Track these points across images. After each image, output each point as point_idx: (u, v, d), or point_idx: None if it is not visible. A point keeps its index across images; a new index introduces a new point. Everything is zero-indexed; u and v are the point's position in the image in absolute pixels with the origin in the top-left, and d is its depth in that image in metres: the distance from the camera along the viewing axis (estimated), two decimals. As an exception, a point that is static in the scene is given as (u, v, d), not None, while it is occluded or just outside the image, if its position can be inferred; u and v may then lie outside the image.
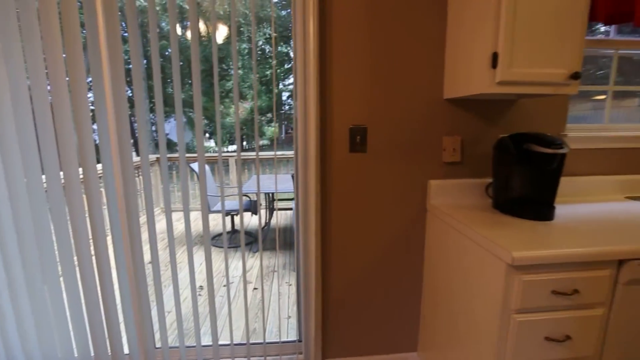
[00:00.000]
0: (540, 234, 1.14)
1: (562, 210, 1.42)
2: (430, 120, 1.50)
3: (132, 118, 1.53)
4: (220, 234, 4.38)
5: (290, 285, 2.91)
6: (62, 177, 1.41)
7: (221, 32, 3.36)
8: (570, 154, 1.63)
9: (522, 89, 1.19)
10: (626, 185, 1.69)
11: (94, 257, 1.50)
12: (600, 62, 1.72)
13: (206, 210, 1.57)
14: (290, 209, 5.20)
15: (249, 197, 4.02)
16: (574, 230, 1.19)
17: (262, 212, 4.93)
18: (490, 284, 1.12)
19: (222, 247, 3.86)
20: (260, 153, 6.37)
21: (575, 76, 1.18)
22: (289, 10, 1.52)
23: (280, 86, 10.86)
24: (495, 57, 1.15)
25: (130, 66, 1.37)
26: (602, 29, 1.74)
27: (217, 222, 4.91)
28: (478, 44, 1.23)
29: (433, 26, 1.44)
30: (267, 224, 4.47)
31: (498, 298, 1.07)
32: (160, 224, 4.75)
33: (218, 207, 3.80)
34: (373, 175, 1.52)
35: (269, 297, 2.70)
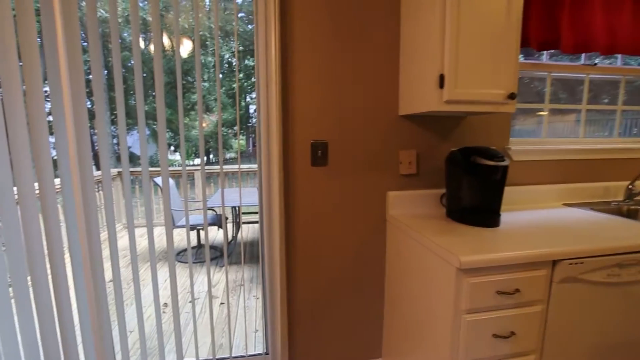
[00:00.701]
0: (486, 240, 1.25)
1: (507, 217, 1.55)
2: (388, 135, 1.60)
3: (92, 130, 1.51)
4: (185, 250, 4.27)
5: (258, 298, 2.90)
6: (15, 192, 1.36)
7: (186, 46, 3.36)
8: (515, 166, 1.79)
9: (466, 107, 1.31)
10: (563, 193, 1.88)
11: (50, 277, 1.44)
12: (554, 83, 1.91)
13: (171, 225, 1.56)
14: (257, 222, 5.17)
15: (215, 211, 3.97)
16: (516, 235, 1.31)
17: (229, 226, 4.86)
18: (443, 287, 1.20)
19: (187, 263, 3.77)
20: (227, 166, 6.30)
21: (511, 96, 1.32)
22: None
23: (248, 99, 10.85)
24: (442, 79, 1.26)
25: (91, 77, 1.35)
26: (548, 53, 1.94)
27: (182, 237, 4.78)
28: (427, 67, 1.34)
29: (388, 47, 1.55)
30: (234, 237, 4.42)
31: (450, 300, 1.16)
32: (122, 241, 4.56)
33: (183, 221, 3.72)
34: (334, 188, 1.59)
35: (236, 312, 2.67)
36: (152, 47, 1.52)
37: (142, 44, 1.59)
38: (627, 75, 2.01)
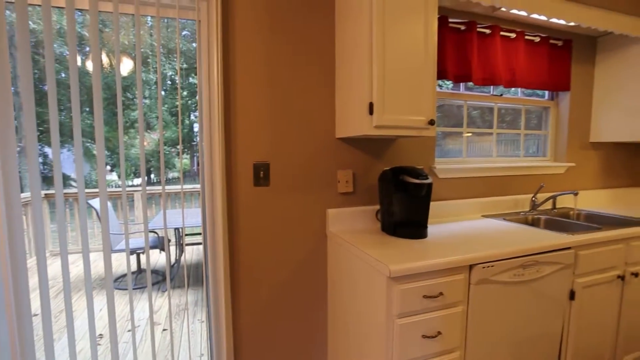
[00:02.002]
0: (414, 250, 1.39)
1: (434, 229, 1.73)
2: (326, 156, 1.72)
3: (19, 148, 1.43)
4: (124, 275, 4.01)
5: (202, 322, 2.81)
6: None
7: (126, 64, 3.27)
8: (441, 183, 2.00)
9: (393, 131, 1.47)
10: (482, 206, 2.13)
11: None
12: (485, 110, 2.18)
13: (109, 249, 1.51)
14: (201, 243, 5.00)
15: (157, 234, 3.81)
16: (440, 244, 1.47)
17: (172, 248, 4.66)
18: (377, 295, 1.31)
19: (126, 289, 3.54)
20: (170, 186, 6.07)
21: (431, 122, 1.51)
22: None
23: (192, 117, 10.59)
24: (371, 106, 1.41)
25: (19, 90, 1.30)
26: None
27: (119, 263, 4.48)
28: (359, 95, 1.49)
29: (325, 77, 1.69)
30: (177, 260, 4.24)
31: (383, 306, 1.27)
32: (51, 268, 4.16)
33: (120, 245, 3.52)
34: (277, 207, 1.66)
35: (179, 337, 2.56)
36: (88, 63, 1.50)
37: (79, 60, 1.56)
38: (526, 105, 2.36)
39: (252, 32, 1.55)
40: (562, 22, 1.98)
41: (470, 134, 2.23)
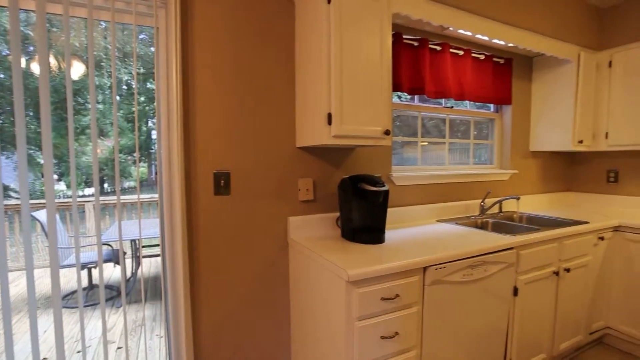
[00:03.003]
0: (372, 255, 1.45)
1: (391, 234, 1.81)
2: (287, 165, 1.75)
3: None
4: (73, 292, 3.76)
5: (161, 337, 2.70)
6: None
7: (77, 68, 3.11)
8: (398, 190, 2.10)
9: (351, 141, 1.54)
10: (437, 211, 2.25)
11: None
12: (439, 120, 2.31)
13: (57, 264, 1.43)
14: (159, 255, 4.80)
15: (111, 246, 3.61)
16: (397, 248, 1.55)
17: (127, 261, 4.43)
18: (337, 299, 1.35)
19: (76, 307, 3.32)
20: (126, 196, 5.79)
21: (387, 132, 1.59)
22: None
23: (150, 124, 10.19)
24: (330, 117, 1.47)
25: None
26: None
27: (68, 279, 4.19)
28: (317, 106, 1.54)
29: (285, 86, 1.73)
30: (134, 274, 4.05)
31: (343, 310, 1.31)
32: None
33: (70, 260, 3.30)
34: (238, 216, 1.66)
35: (135, 355, 2.45)
36: (33, 65, 1.43)
37: (23, 61, 1.48)
38: (475, 116, 2.55)
39: (212, 39, 1.56)
40: (502, 42, 2.17)
41: (426, 143, 2.36)
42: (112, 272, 4.38)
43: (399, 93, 2.08)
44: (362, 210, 1.63)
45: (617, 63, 2.49)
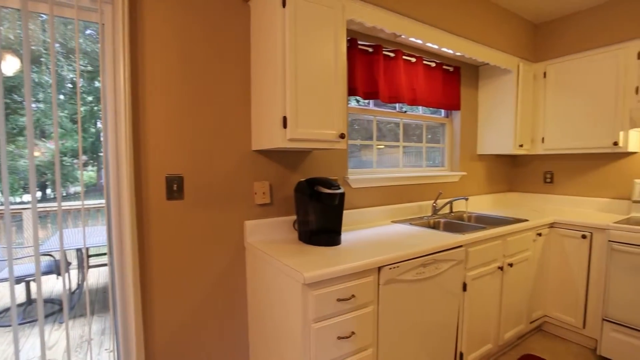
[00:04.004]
0: (328, 257, 1.47)
1: (348, 235, 1.85)
2: (242, 168, 1.73)
3: None
4: (7, 310, 3.43)
5: (111, 351, 2.54)
6: None
7: (12, 63, 2.86)
8: (354, 192, 2.15)
9: (307, 144, 1.55)
10: (392, 212, 2.33)
11: None
12: (393, 125, 2.37)
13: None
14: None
15: (53, 257, 3.35)
16: (353, 250, 1.58)
17: (73, 272, 4.13)
18: (293, 302, 1.36)
19: (10, 325, 3.03)
20: (70, 202, 5.40)
21: (342, 136, 1.62)
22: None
23: (99, 125, 9.58)
24: (285, 120, 1.47)
25: None
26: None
27: (2, 294, 3.82)
28: (273, 109, 1.54)
29: (242, 86, 1.71)
30: (79, 285, 3.77)
31: (299, 313, 1.32)
32: None
33: (3, 274, 3.01)
34: (192, 221, 1.61)
35: (81, 373, 2.28)
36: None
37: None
38: (427, 121, 2.67)
39: (163, 37, 1.51)
40: (450, 51, 2.30)
41: (382, 147, 2.43)
42: (54, 285, 4.05)
43: (358, 97, 2.13)
44: (318, 212, 1.64)
45: (550, 74, 2.73)
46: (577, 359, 2.22)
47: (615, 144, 2.39)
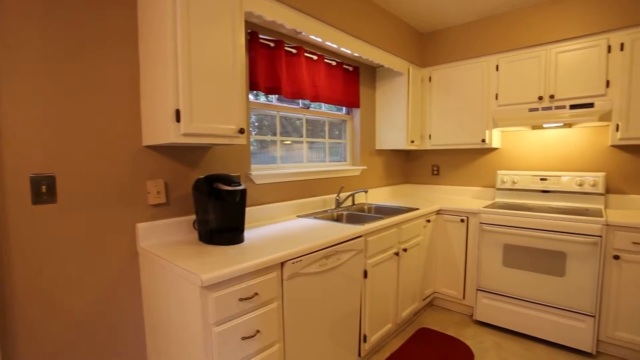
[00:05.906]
0: (230, 256, 1.42)
1: (251, 233, 1.81)
2: (132, 165, 1.55)
3: None
4: None
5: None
6: None
7: None
8: (258, 188, 2.11)
9: (204, 139, 1.46)
10: (297, 207, 2.36)
11: None
12: (296, 121, 2.36)
13: None
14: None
15: None
16: (256, 247, 1.55)
17: None
18: (192, 306, 1.27)
19: None
20: None
21: (241, 131, 1.58)
22: None
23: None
24: (178, 113, 1.37)
25: None
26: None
27: None
28: (164, 101, 1.41)
29: (126, 77, 1.53)
30: None
31: (199, 317, 1.24)
32: None
33: None
34: (70, 227, 1.39)
35: None
36: None
37: None
38: (330, 117, 2.77)
39: (29, 9, 1.25)
40: (349, 51, 2.41)
41: (290, 142, 2.44)
42: None
43: (262, 93, 2.09)
44: (219, 211, 1.57)
45: (434, 79, 3.09)
46: (458, 325, 2.57)
47: (483, 141, 2.82)
